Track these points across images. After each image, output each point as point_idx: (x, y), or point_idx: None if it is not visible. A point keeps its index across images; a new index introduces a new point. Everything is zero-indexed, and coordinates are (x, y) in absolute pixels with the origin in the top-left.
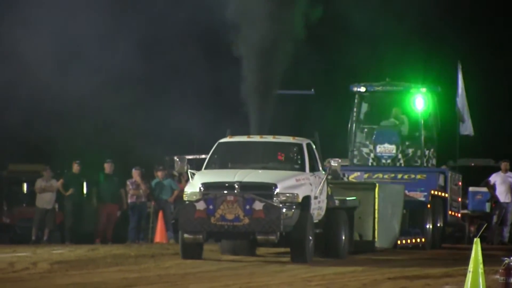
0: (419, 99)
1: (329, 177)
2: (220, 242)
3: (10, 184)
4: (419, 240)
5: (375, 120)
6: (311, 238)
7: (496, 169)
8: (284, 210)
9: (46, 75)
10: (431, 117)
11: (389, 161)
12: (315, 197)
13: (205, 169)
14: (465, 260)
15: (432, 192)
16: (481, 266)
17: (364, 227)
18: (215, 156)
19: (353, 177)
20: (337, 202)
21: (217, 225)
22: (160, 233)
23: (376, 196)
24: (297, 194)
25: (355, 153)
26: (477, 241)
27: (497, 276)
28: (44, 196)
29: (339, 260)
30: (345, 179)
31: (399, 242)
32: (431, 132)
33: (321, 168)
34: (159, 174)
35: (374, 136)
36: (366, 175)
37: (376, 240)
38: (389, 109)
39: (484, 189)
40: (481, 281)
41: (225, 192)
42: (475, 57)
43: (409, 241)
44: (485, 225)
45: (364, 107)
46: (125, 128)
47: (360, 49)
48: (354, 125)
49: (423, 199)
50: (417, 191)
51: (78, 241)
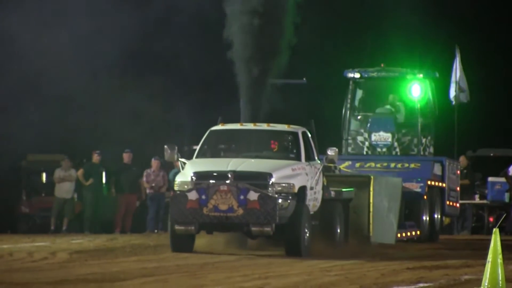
0: (416, 86)
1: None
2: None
3: (29, 174)
4: (414, 233)
5: (370, 107)
6: (307, 230)
7: None
8: (280, 200)
9: (66, 65)
10: (428, 104)
11: (384, 149)
12: (311, 188)
13: (196, 157)
14: (484, 250)
15: (429, 183)
16: (500, 256)
17: (359, 222)
18: (207, 145)
19: (344, 166)
20: (333, 193)
21: (209, 216)
22: None
23: (371, 189)
24: (293, 184)
25: (349, 141)
26: (496, 231)
27: None
28: (62, 186)
29: (357, 251)
30: (337, 171)
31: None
32: (428, 120)
33: (317, 158)
34: (177, 164)
35: (369, 124)
36: (358, 164)
37: (371, 235)
38: (384, 96)
39: (503, 179)
40: (500, 271)
41: (218, 181)
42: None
43: (404, 234)
44: (504, 215)
45: (359, 93)
46: (144, 118)
47: (354, 33)
48: (348, 112)
49: (419, 190)
50: (412, 181)
51: (97, 231)
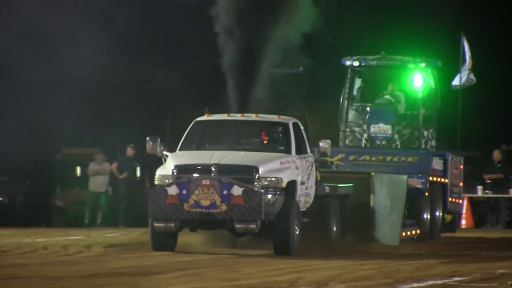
0: (418, 75)
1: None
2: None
3: (63, 167)
4: (414, 232)
5: (369, 97)
6: (297, 228)
7: None
8: (267, 196)
9: (101, 58)
10: (430, 95)
11: (384, 142)
12: (302, 183)
13: (179, 150)
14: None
15: (431, 179)
16: None
17: (357, 221)
18: (191, 136)
19: (337, 159)
20: (327, 188)
21: (191, 212)
22: None
23: (372, 186)
24: (281, 178)
25: (347, 133)
26: None
27: None
28: (96, 180)
29: (389, 244)
30: (333, 167)
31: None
32: (430, 111)
33: (309, 151)
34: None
35: (367, 115)
36: (352, 157)
37: (372, 234)
38: (384, 86)
39: None
40: None
41: (200, 175)
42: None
43: (403, 233)
44: None
45: (357, 83)
46: (177, 111)
47: (354, 20)
48: (345, 102)
49: (420, 186)
50: (413, 177)
51: (131, 224)
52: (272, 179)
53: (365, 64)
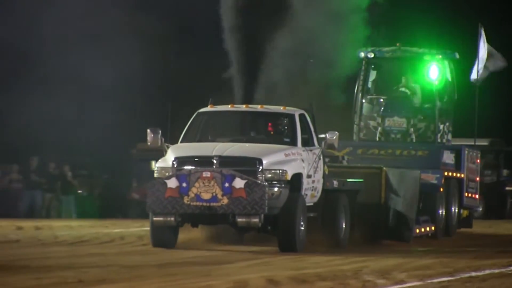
0: (434, 67)
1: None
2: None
3: (138, 162)
4: (428, 228)
5: (384, 89)
6: (302, 223)
7: None
8: (270, 189)
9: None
10: (446, 88)
11: (398, 135)
12: (308, 176)
13: (181, 142)
14: None
15: (446, 174)
16: None
17: (368, 217)
18: (194, 128)
19: (344, 152)
20: (335, 183)
21: (191, 206)
22: None
23: (383, 182)
24: (285, 170)
25: (361, 126)
26: None
27: None
28: None
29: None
30: (345, 162)
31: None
32: (446, 104)
33: (316, 143)
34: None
35: (382, 108)
36: (360, 151)
37: (384, 232)
38: (400, 78)
39: None
40: None
41: (201, 167)
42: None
43: (417, 230)
44: None
45: (372, 75)
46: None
47: (368, 10)
48: (360, 95)
49: (435, 181)
50: (428, 172)
51: None
52: (276, 171)
53: (380, 56)
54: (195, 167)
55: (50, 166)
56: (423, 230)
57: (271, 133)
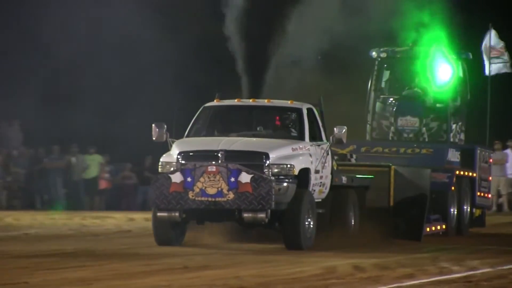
0: (446, 67)
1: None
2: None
3: None
4: (439, 227)
5: (397, 89)
6: (310, 219)
7: None
8: (277, 184)
9: None
10: (459, 88)
11: (411, 135)
12: (316, 171)
13: (186, 137)
14: None
15: (457, 173)
16: None
17: (377, 215)
18: (200, 122)
19: (347, 150)
20: (344, 179)
21: (196, 201)
22: None
23: (392, 180)
24: (292, 165)
25: (374, 126)
26: None
27: None
28: None
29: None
30: (353, 160)
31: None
32: (459, 104)
33: (325, 138)
34: None
35: (395, 108)
36: (363, 149)
37: (393, 230)
38: (412, 78)
39: None
40: None
41: (206, 162)
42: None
43: (428, 228)
44: None
45: (385, 75)
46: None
47: (379, 10)
48: (372, 94)
49: (446, 180)
50: (439, 171)
51: None
52: (283, 166)
53: (392, 55)
54: (200, 161)
55: None
56: (433, 228)
57: (278, 127)
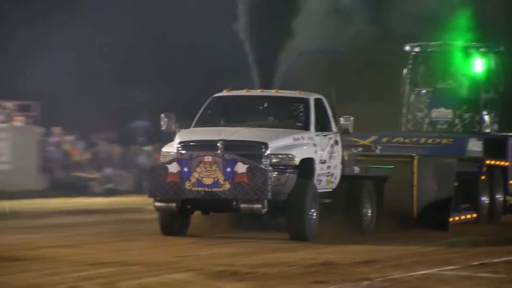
0: (479, 60)
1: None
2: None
3: None
4: (469, 216)
5: (431, 82)
6: (314, 210)
7: None
8: (276, 174)
9: None
10: (492, 79)
11: (445, 126)
12: (322, 161)
13: (193, 127)
14: None
15: (488, 162)
16: None
17: (400, 206)
18: (208, 113)
19: (369, 141)
20: (356, 169)
21: (192, 191)
22: None
23: (416, 170)
24: (292, 155)
25: (409, 117)
26: None
27: None
28: None
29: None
30: (377, 151)
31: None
32: (492, 96)
33: (334, 129)
34: None
35: (429, 100)
36: (385, 139)
37: (418, 221)
38: (446, 71)
39: None
40: None
41: (203, 152)
42: None
43: (457, 217)
44: None
45: (419, 68)
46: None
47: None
48: (408, 87)
49: (475, 169)
50: (469, 160)
51: None
52: (283, 156)
53: (426, 50)
54: (199, 151)
55: None
56: (462, 217)
57: (285, 118)
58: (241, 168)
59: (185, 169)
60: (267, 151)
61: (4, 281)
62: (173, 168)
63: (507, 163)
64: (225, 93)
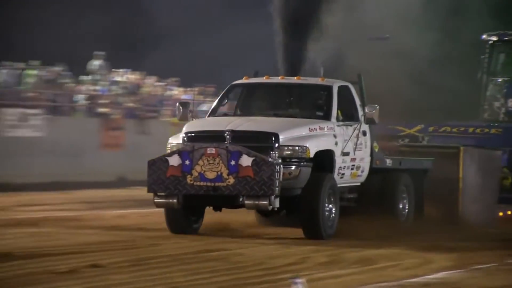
0: None
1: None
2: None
3: None
4: None
5: (508, 71)
6: (331, 206)
7: None
8: (287, 167)
9: None
10: None
11: None
12: (345, 153)
13: (209, 116)
14: None
15: None
16: None
17: (443, 200)
18: (225, 101)
19: (415, 130)
20: (388, 161)
21: (194, 186)
22: None
23: (461, 162)
24: (306, 147)
25: (486, 107)
26: None
27: None
28: None
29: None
30: (424, 142)
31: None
32: None
33: (362, 119)
34: None
35: (505, 89)
36: (431, 128)
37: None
38: None
39: None
40: None
41: (206, 143)
42: None
43: (509, 212)
44: None
45: (496, 57)
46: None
47: None
48: (485, 77)
49: None
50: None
51: None
52: (295, 148)
53: (504, 38)
54: (205, 142)
55: None
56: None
57: (306, 106)
58: (246, 161)
59: (187, 162)
60: (277, 143)
61: None
62: (174, 161)
63: None
64: (244, 80)
